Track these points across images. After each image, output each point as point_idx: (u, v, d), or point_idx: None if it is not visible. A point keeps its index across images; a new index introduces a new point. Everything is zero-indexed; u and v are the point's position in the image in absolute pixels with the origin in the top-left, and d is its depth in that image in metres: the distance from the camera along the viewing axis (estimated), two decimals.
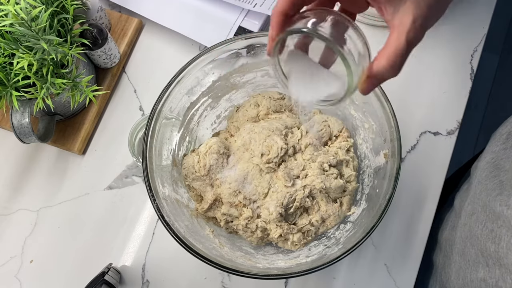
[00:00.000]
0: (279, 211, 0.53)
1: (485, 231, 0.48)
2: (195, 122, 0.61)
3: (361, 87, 0.34)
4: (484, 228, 0.49)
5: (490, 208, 0.49)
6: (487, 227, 0.48)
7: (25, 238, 0.63)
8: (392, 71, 0.32)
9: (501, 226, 0.46)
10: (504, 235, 0.45)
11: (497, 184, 0.49)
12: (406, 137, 0.63)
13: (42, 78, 0.53)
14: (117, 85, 0.69)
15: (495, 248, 0.46)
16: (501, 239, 0.46)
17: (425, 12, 0.32)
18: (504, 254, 0.45)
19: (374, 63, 0.33)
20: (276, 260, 0.54)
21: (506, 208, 0.46)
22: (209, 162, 0.55)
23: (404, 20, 0.32)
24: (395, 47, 0.32)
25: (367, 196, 0.55)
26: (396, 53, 0.32)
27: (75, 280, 0.60)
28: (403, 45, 0.32)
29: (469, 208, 0.54)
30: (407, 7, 0.32)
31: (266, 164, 0.54)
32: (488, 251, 0.47)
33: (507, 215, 0.45)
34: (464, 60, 0.67)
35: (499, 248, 0.46)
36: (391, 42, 0.32)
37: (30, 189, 0.65)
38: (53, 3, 0.54)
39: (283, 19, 0.33)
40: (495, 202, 0.48)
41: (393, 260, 0.60)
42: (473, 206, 0.53)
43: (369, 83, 0.33)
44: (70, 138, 0.65)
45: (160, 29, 0.70)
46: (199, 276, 0.60)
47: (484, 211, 0.50)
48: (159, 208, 0.48)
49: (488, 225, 0.48)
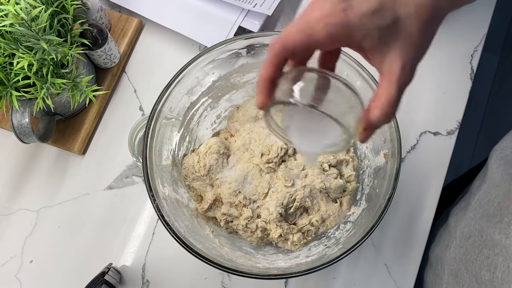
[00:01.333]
0: (279, 211, 0.53)
1: (481, 257, 0.47)
2: (195, 122, 0.61)
3: (359, 137, 0.34)
4: (480, 254, 0.48)
5: (488, 234, 0.48)
6: (483, 253, 0.47)
7: (25, 238, 0.63)
8: (387, 120, 0.33)
9: (497, 254, 0.45)
10: (500, 264, 0.44)
11: (498, 210, 0.48)
12: (406, 137, 0.63)
13: (42, 78, 0.53)
14: (117, 85, 0.69)
15: (490, 277, 0.45)
16: (497, 268, 0.45)
17: (413, 55, 0.32)
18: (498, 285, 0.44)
19: (369, 115, 0.33)
20: (276, 260, 0.54)
21: (505, 237, 0.45)
22: (209, 162, 0.55)
23: (393, 67, 0.31)
24: (386, 97, 0.32)
25: (367, 196, 0.55)
26: (389, 103, 0.32)
27: (75, 280, 0.60)
28: (394, 93, 0.32)
29: (466, 230, 0.53)
30: (394, 54, 0.31)
31: (266, 164, 0.54)
32: (483, 278, 0.46)
33: (505, 245, 0.44)
34: (464, 60, 0.67)
35: (494, 277, 0.45)
36: (383, 91, 0.32)
37: (30, 189, 0.65)
38: (53, 3, 0.54)
39: (269, 85, 0.33)
40: (494, 229, 0.47)
41: (393, 260, 0.60)
42: (470, 229, 0.52)
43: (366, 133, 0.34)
44: (70, 138, 0.65)
45: (160, 29, 0.70)
46: (199, 276, 0.60)
47: (481, 236, 0.49)
48: (159, 208, 0.48)
49: (484, 251, 0.47)
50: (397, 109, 0.33)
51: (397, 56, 0.31)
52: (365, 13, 0.30)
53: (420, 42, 0.32)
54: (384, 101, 0.32)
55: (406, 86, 0.32)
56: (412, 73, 0.32)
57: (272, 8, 0.64)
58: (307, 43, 0.31)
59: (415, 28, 0.31)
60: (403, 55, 0.31)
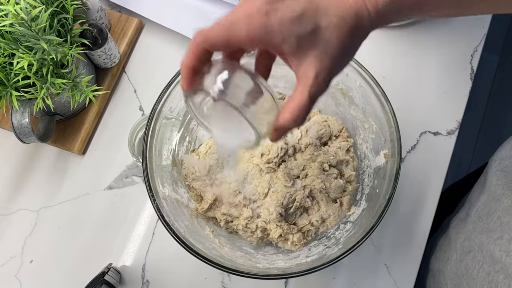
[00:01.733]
0: (279, 211, 0.53)
1: (482, 273, 0.47)
2: (195, 122, 0.61)
3: (270, 137, 0.36)
4: (481, 269, 0.48)
5: (488, 251, 0.47)
6: (484, 269, 0.47)
7: (25, 238, 0.63)
8: (296, 124, 0.34)
9: (498, 271, 0.45)
10: (501, 282, 0.44)
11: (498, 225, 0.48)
12: (406, 137, 0.63)
13: (42, 78, 0.53)
14: (117, 85, 0.69)
15: None
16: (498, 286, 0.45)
17: (328, 65, 0.32)
18: None
19: (280, 116, 0.34)
20: (276, 260, 0.54)
21: (506, 254, 0.44)
22: (209, 162, 0.55)
23: (308, 74, 0.32)
24: (298, 102, 0.33)
25: (367, 196, 0.55)
26: (300, 108, 0.33)
27: (75, 280, 0.60)
28: (305, 100, 0.32)
29: (465, 244, 0.53)
30: (309, 61, 0.32)
31: (266, 164, 0.54)
32: None
33: (505, 263, 0.44)
34: (464, 60, 0.67)
35: None
36: (295, 96, 0.33)
37: (30, 189, 0.65)
38: (53, 3, 0.54)
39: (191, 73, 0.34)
40: (495, 246, 0.47)
41: (393, 260, 0.60)
42: (470, 243, 0.52)
43: (277, 134, 0.35)
44: (70, 138, 0.65)
45: (160, 29, 0.70)
46: (199, 276, 0.60)
47: (481, 251, 0.49)
48: (159, 208, 0.48)
49: (485, 267, 0.47)
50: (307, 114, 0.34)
51: (312, 64, 0.32)
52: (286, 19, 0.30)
53: (337, 54, 0.32)
54: (295, 106, 0.33)
55: (319, 95, 0.33)
56: (325, 83, 0.33)
57: None
58: (226, 40, 0.32)
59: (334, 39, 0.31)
60: (318, 64, 0.32)
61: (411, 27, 0.68)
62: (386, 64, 0.67)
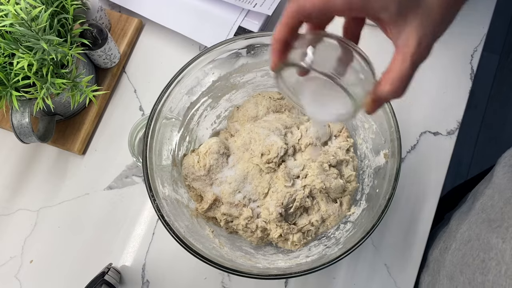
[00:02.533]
0: (279, 211, 0.53)
1: (477, 260, 0.47)
2: (195, 122, 0.61)
3: (367, 108, 0.34)
4: (477, 257, 0.48)
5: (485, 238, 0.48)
6: (479, 257, 0.47)
7: (25, 238, 0.63)
8: (397, 95, 0.32)
9: (492, 258, 0.45)
10: (493, 268, 0.44)
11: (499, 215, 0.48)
12: (406, 137, 0.63)
13: (42, 78, 0.53)
14: (117, 85, 0.69)
15: (482, 280, 0.45)
16: (489, 272, 0.45)
17: (431, 30, 0.31)
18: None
19: (379, 88, 0.32)
20: (276, 260, 0.54)
21: (502, 241, 0.44)
22: (209, 162, 0.55)
23: (409, 42, 0.31)
24: (399, 72, 0.31)
25: (367, 196, 0.55)
26: (401, 78, 0.31)
27: (75, 280, 0.60)
28: (407, 69, 0.31)
29: (466, 234, 0.53)
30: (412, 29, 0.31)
31: (266, 164, 0.54)
32: (476, 281, 0.46)
33: (501, 249, 0.44)
34: (464, 60, 0.67)
35: (485, 280, 0.45)
36: (396, 65, 0.31)
37: (30, 189, 0.65)
38: (53, 3, 0.54)
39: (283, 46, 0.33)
40: (492, 233, 0.47)
41: (393, 260, 0.60)
42: (470, 233, 0.52)
43: (374, 105, 0.34)
44: (70, 138, 0.65)
45: (160, 29, 0.70)
46: (199, 276, 0.60)
47: (478, 240, 0.49)
48: (159, 208, 0.48)
49: (480, 255, 0.47)
50: (409, 85, 0.32)
51: (414, 31, 0.31)
52: None
53: (440, 19, 0.31)
54: (396, 76, 0.31)
55: (421, 62, 0.32)
56: (428, 50, 0.32)
57: (272, 8, 0.64)
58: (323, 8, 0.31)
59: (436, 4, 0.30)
60: (421, 30, 0.31)
61: None
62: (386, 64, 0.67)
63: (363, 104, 0.34)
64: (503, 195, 0.49)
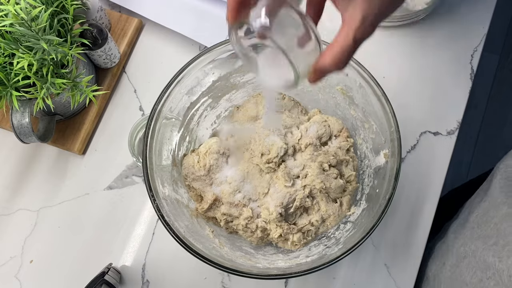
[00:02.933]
0: (279, 211, 0.53)
1: (475, 279, 0.47)
2: (195, 122, 0.61)
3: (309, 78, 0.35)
4: (474, 276, 0.47)
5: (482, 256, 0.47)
6: (476, 276, 0.47)
7: (25, 238, 0.63)
8: (337, 67, 0.33)
9: (489, 278, 0.45)
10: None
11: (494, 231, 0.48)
12: (406, 137, 0.63)
13: (42, 78, 0.53)
14: (117, 85, 0.69)
15: None
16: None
17: (377, 9, 0.31)
18: None
19: (321, 58, 0.33)
20: (276, 260, 0.54)
21: (498, 260, 0.44)
22: (209, 162, 0.55)
23: (354, 16, 0.31)
24: (341, 45, 0.32)
25: (367, 196, 0.55)
26: (342, 51, 0.32)
27: (75, 280, 0.60)
28: (349, 43, 0.31)
29: (461, 250, 0.53)
30: (358, 3, 0.31)
31: (266, 164, 0.54)
32: None
33: (498, 268, 0.44)
34: (464, 60, 0.67)
35: None
36: (338, 39, 0.32)
37: (30, 189, 0.65)
38: (53, 3, 0.54)
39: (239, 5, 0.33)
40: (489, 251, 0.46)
41: (393, 260, 0.60)
42: (466, 249, 0.51)
43: (315, 76, 0.34)
44: (70, 138, 0.65)
45: (160, 29, 0.70)
46: (199, 276, 0.60)
47: (474, 257, 0.48)
48: (159, 208, 0.48)
49: (478, 273, 0.47)
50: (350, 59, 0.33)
51: (360, 7, 0.31)
52: None
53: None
54: (338, 49, 0.32)
55: (364, 39, 0.32)
56: (373, 27, 0.32)
57: None
58: None
59: None
60: (366, 7, 0.31)
61: (411, 27, 0.68)
62: (386, 64, 0.67)
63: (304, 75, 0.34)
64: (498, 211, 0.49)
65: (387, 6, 0.32)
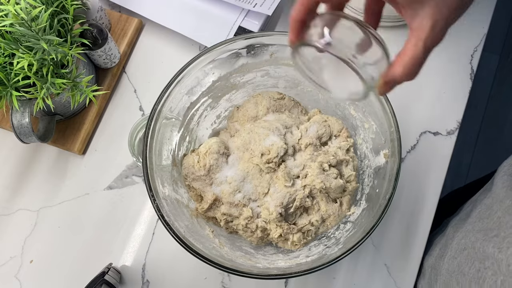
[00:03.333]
0: (279, 211, 0.53)
1: (473, 270, 0.47)
2: (195, 122, 0.61)
3: (378, 90, 0.34)
4: (473, 266, 0.47)
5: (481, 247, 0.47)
6: (475, 266, 0.47)
7: (25, 238, 0.63)
8: (408, 78, 0.32)
9: (487, 267, 0.45)
10: (489, 278, 0.44)
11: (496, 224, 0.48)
12: (406, 137, 0.63)
13: (42, 78, 0.53)
14: (117, 85, 0.69)
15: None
16: (485, 282, 0.44)
17: (446, 15, 0.31)
18: None
19: (391, 69, 0.32)
20: (276, 260, 0.54)
21: (498, 250, 0.44)
22: (209, 162, 0.55)
23: (423, 24, 0.31)
24: (412, 54, 0.31)
25: (367, 196, 0.55)
26: (413, 61, 0.31)
27: (75, 280, 0.60)
28: (420, 52, 0.31)
29: (462, 242, 0.53)
30: (427, 11, 0.31)
31: (266, 164, 0.54)
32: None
33: (497, 258, 0.44)
34: (464, 60, 0.67)
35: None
36: (409, 48, 0.31)
37: (30, 189, 0.65)
38: (53, 3, 0.54)
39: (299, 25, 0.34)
40: (489, 242, 0.46)
41: (393, 260, 0.60)
42: (466, 241, 0.52)
43: (386, 87, 0.34)
44: (70, 138, 0.65)
45: (160, 29, 0.70)
46: (199, 276, 0.60)
47: (474, 248, 0.49)
48: (159, 208, 0.48)
49: (476, 264, 0.47)
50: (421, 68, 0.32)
51: (430, 14, 0.31)
52: None
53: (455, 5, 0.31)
54: (409, 59, 0.31)
55: (434, 46, 0.32)
56: (442, 34, 0.32)
57: (272, 8, 0.64)
58: None
59: None
60: (436, 13, 0.30)
61: None
62: None
63: (375, 86, 0.34)
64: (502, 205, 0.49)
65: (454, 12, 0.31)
